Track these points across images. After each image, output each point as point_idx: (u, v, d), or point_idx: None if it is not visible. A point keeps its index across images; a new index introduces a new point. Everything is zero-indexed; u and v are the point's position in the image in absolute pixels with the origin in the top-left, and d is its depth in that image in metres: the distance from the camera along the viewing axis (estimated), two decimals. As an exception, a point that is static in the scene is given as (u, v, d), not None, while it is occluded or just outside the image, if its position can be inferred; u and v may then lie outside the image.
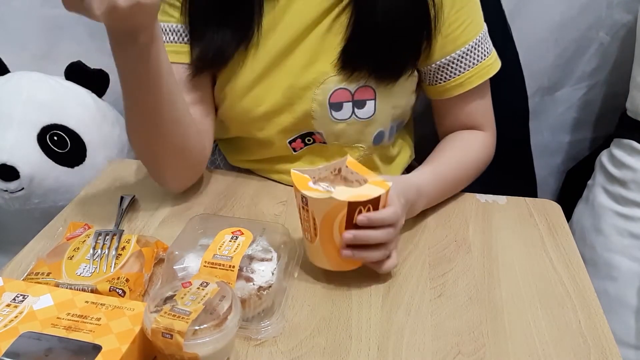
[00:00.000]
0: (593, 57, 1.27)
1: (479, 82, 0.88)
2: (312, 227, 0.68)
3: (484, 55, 0.87)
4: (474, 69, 0.87)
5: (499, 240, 0.81)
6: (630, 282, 1.11)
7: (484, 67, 0.87)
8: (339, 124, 0.85)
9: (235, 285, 0.62)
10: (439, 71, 0.87)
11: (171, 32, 0.85)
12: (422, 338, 0.64)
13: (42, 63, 1.21)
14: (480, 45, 0.86)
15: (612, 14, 1.22)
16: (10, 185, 1.03)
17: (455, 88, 0.88)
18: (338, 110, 0.84)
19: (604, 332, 0.66)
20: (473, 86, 0.88)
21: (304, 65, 0.83)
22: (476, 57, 0.86)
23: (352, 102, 0.84)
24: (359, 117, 0.85)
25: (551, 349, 0.63)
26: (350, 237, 0.66)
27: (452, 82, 0.87)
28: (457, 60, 0.86)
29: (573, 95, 1.33)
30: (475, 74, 0.87)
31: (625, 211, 1.13)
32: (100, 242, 0.71)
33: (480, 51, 0.87)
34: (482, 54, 0.87)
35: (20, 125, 1.06)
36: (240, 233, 0.67)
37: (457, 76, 0.87)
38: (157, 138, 0.79)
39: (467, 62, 0.86)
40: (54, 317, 0.57)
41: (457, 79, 0.87)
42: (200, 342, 0.54)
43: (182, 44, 0.85)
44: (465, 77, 0.87)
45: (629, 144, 1.15)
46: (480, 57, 0.87)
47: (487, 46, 0.88)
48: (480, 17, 0.88)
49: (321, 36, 0.83)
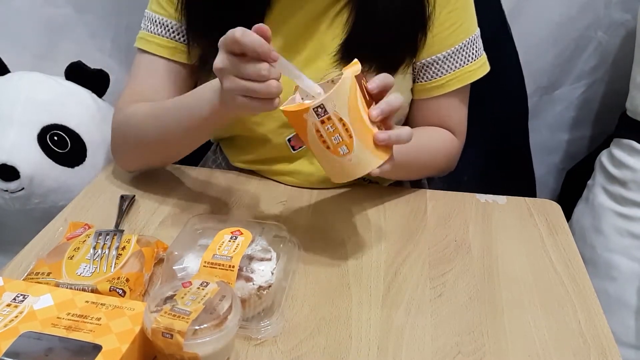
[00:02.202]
0: (591, 56, 1.28)
1: (459, 86, 0.87)
2: (344, 132, 0.62)
3: (469, 59, 0.87)
4: (457, 71, 0.87)
5: (498, 240, 0.81)
6: (630, 282, 1.11)
7: (467, 72, 0.87)
8: None
9: (235, 285, 0.62)
10: (422, 70, 0.88)
11: (160, 25, 0.87)
12: (422, 338, 0.64)
13: (42, 63, 1.21)
14: (468, 48, 0.86)
15: (610, 14, 1.22)
16: (11, 185, 1.03)
17: (435, 89, 0.88)
18: None
19: (603, 332, 0.66)
20: (452, 89, 0.87)
21: (303, 62, 0.84)
22: (461, 60, 0.87)
23: None
24: None
25: (551, 349, 0.63)
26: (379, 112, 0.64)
27: (433, 82, 0.88)
28: (441, 61, 0.86)
29: (572, 94, 1.33)
30: (457, 77, 0.87)
31: (625, 211, 1.13)
32: (101, 242, 0.71)
33: (466, 55, 0.87)
34: (467, 57, 0.87)
35: (21, 125, 1.06)
36: (239, 233, 0.67)
37: (439, 77, 0.87)
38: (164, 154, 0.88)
39: (450, 64, 0.86)
40: (54, 317, 0.57)
41: (439, 80, 0.87)
42: (201, 342, 0.54)
43: (168, 40, 0.87)
44: (446, 79, 0.87)
45: (629, 144, 1.15)
46: (465, 61, 0.87)
47: (475, 50, 0.88)
48: (473, 21, 0.88)
49: (322, 34, 0.83)
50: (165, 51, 0.87)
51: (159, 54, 0.87)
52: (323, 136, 0.63)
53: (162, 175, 0.91)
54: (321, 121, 0.62)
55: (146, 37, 0.88)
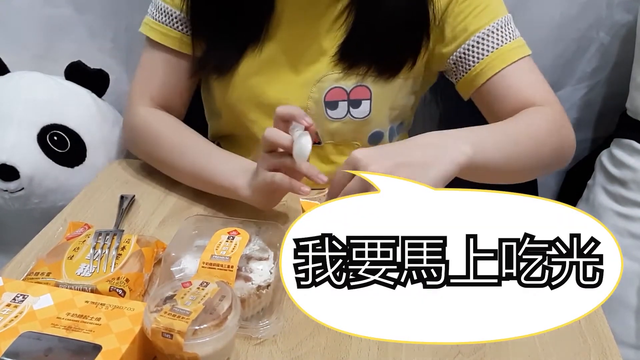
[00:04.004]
0: (593, 57, 1.27)
1: (503, 65, 0.81)
2: None
3: (504, 40, 0.81)
4: (494, 53, 0.81)
5: (499, 240, 0.81)
6: (631, 282, 1.11)
7: (507, 50, 0.81)
8: (334, 122, 0.86)
9: (234, 285, 0.62)
10: (459, 63, 0.84)
11: (164, 14, 0.87)
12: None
13: (42, 63, 1.21)
14: (499, 31, 0.81)
15: (612, 14, 1.22)
16: (10, 185, 1.03)
17: (478, 76, 0.82)
18: (333, 108, 0.84)
19: (604, 332, 0.66)
20: (496, 71, 0.81)
21: (303, 63, 0.83)
22: (494, 41, 0.81)
23: (348, 101, 0.84)
24: (354, 117, 0.85)
25: (551, 349, 0.63)
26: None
27: (472, 71, 0.82)
28: (474, 47, 0.81)
29: (573, 95, 1.33)
30: (497, 57, 0.81)
31: (626, 211, 1.13)
32: (100, 242, 0.71)
33: (499, 36, 0.81)
34: (501, 39, 0.81)
35: (20, 125, 1.06)
36: (236, 233, 0.67)
37: (475, 64, 0.82)
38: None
39: (484, 48, 0.81)
40: (53, 317, 0.57)
41: (476, 67, 0.82)
42: (200, 342, 0.54)
43: (170, 29, 0.87)
44: (485, 63, 0.81)
45: (629, 143, 1.15)
46: (499, 42, 0.81)
47: (509, 32, 0.82)
48: (499, 4, 0.83)
49: (322, 36, 0.83)
50: (169, 40, 0.88)
51: (163, 42, 0.88)
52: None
53: (162, 175, 0.91)
54: None
55: (150, 24, 0.89)
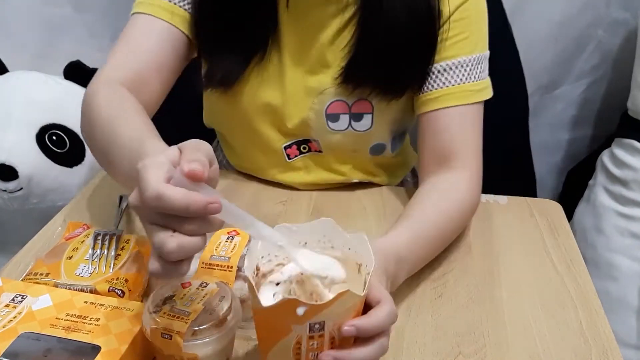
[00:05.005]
0: (592, 55, 1.28)
1: (453, 104, 0.78)
2: (326, 347, 0.50)
3: (470, 77, 0.78)
4: (452, 87, 0.78)
5: (499, 240, 0.81)
6: (632, 282, 1.11)
7: (466, 91, 0.78)
8: (336, 134, 0.85)
9: (233, 285, 0.61)
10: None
11: None
12: (423, 338, 0.64)
13: (41, 62, 1.21)
14: (469, 66, 0.78)
15: (611, 12, 1.22)
16: (9, 185, 1.03)
17: (430, 102, 0.80)
18: (335, 121, 0.83)
19: (605, 332, 0.65)
20: (447, 105, 0.78)
21: (306, 74, 0.82)
22: (459, 76, 0.78)
23: (349, 115, 0.83)
24: (355, 130, 0.84)
25: (552, 349, 0.63)
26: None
27: (428, 94, 0.80)
28: (440, 73, 0.79)
29: (572, 93, 1.33)
30: (452, 93, 0.78)
31: (627, 211, 1.13)
32: (99, 243, 0.70)
33: (467, 72, 0.78)
34: (468, 75, 0.78)
35: (19, 125, 1.06)
36: (235, 233, 0.67)
37: (433, 90, 0.79)
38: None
39: (448, 78, 0.78)
40: (52, 317, 0.57)
41: (433, 93, 0.79)
42: (200, 342, 0.53)
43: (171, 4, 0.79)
44: (441, 92, 0.79)
45: (630, 143, 1.15)
46: (464, 79, 0.78)
47: (478, 71, 0.79)
48: (481, 39, 0.80)
49: (325, 47, 0.81)
50: (166, 14, 0.79)
51: (160, 16, 0.78)
52: (301, 351, 0.49)
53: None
54: (310, 336, 0.48)
55: (147, 1, 0.79)
